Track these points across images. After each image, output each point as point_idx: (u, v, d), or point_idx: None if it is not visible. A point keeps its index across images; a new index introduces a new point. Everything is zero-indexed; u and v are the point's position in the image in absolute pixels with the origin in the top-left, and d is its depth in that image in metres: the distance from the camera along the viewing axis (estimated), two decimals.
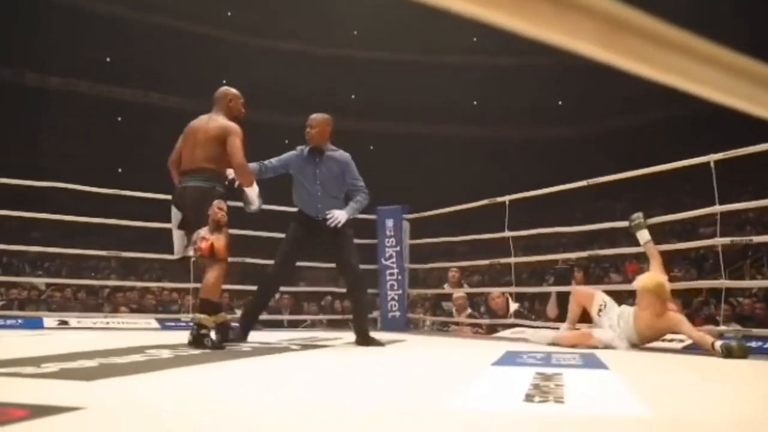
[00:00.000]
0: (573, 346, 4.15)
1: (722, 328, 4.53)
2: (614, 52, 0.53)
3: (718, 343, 3.69)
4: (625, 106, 22.78)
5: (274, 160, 4.68)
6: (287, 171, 4.68)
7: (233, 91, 4.24)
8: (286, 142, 25.75)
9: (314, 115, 4.69)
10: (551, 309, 6.18)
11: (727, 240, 4.76)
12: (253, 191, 4.10)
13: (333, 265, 7.94)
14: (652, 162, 5.09)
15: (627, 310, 4.26)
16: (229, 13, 23.65)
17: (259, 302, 4.66)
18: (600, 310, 4.37)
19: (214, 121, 4.01)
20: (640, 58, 0.54)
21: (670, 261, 14.05)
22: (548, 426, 1.48)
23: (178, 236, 4.02)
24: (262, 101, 23.70)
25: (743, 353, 3.55)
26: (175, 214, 3.99)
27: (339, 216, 4.44)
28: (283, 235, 4.77)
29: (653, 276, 4.23)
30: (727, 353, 3.55)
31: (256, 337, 4.53)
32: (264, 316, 8.71)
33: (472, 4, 0.46)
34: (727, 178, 4.59)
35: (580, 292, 4.74)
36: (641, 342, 4.17)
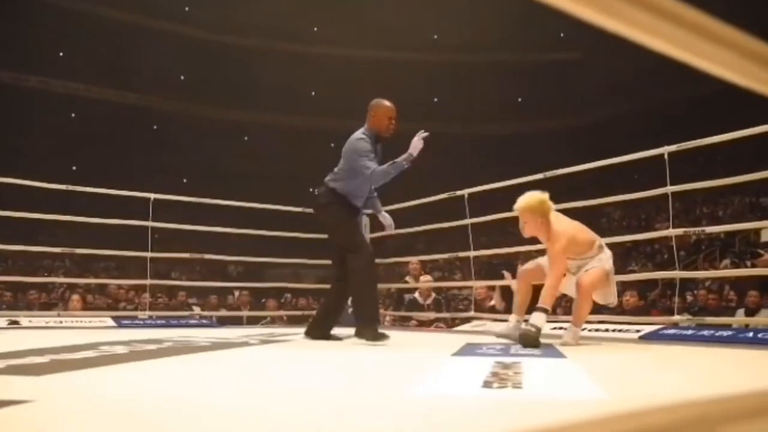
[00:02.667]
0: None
1: (676, 317, 4.62)
2: (608, 16, 0.52)
3: (538, 322, 3.53)
4: (585, 103, 23.15)
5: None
6: None
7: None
8: (246, 138, 25.53)
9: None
10: (497, 301, 6.34)
11: (680, 231, 4.86)
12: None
13: (297, 260, 7.98)
14: (612, 156, 5.15)
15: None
16: (187, 8, 23.30)
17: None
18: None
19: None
20: (632, 24, 0.53)
21: (627, 256, 14.39)
22: (505, 408, 1.48)
23: None
24: (220, 97, 23.50)
25: (534, 343, 3.45)
26: None
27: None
28: None
29: (533, 193, 3.83)
30: (524, 339, 3.47)
31: (214, 333, 4.46)
32: (222, 313, 8.69)
33: None
34: (686, 172, 4.68)
35: (525, 271, 4.00)
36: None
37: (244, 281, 10.41)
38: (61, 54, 21.94)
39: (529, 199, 3.80)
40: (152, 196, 6.18)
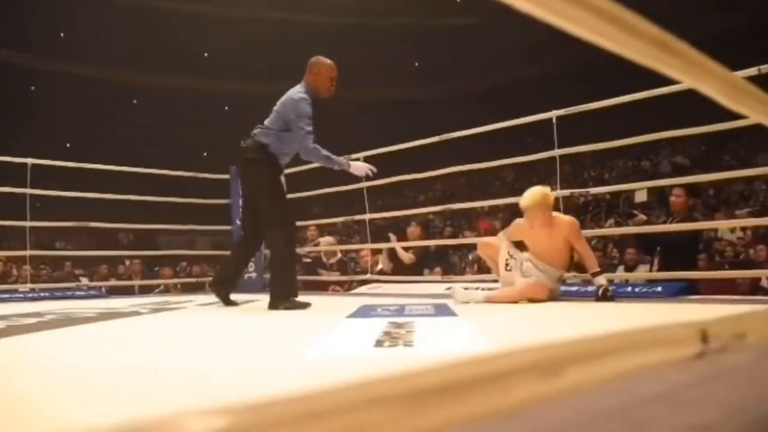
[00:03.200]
0: (514, 302, 3.85)
1: (564, 274, 4.82)
2: None
3: (602, 281, 3.95)
4: (482, 67, 23.57)
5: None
6: None
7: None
8: (134, 102, 24.38)
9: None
10: (384, 263, 6.62)
11: (567, 192, 5.07)
12: None
13: (190, 227, 7.76)
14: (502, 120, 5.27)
15: (526, 254, 4.04)
16: None
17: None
18: (507, 265, 4.05)
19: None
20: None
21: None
22: (392, 364, 1.50)
23: None
24: (105, 58, 22.27)
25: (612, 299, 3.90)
26: None
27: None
28: None
29: (535, 189, 4.08)
30: (602, 296, 3.89)
31: (102, 304, 4.28)
32: (112, 283, 8.37)
33: None
34: (576, 136, 4.85)
35: (486, 244, 4.35)
36: (561, 267, 4.07)
37: (136, 250, 10.04)
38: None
39: (535, 195, 4.04)
40: (30, 161, 5.81)
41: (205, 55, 24.05)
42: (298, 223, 7.93)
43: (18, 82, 21.38)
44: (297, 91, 4.01)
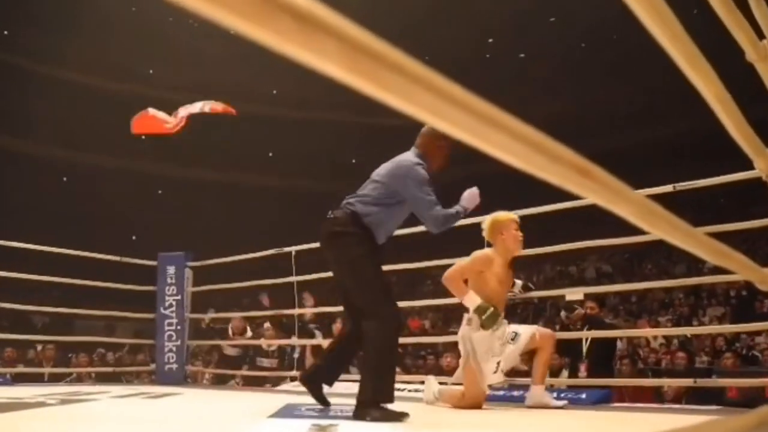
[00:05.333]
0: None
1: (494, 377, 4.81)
2: (358, 76, 0.53)
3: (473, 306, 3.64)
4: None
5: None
6: None
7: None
8: (65, 179, 23.82)
9: None
10: (309, 359, 6.55)
11: None
12: None
13: (109, 312, 7.46)
14: None
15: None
16: (5, 32, 21.64)
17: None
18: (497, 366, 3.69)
19: None
20: (382, 85, 0.55)
21: (448, 319, 15.00)
22: None
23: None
24: (38, 133, 21.86)
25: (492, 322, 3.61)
26: None
27: None
28: None
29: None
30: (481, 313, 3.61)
31: (3, 392, 4.01)
32: (19, 369, 7.86)
33: (216, 7, 0.44)
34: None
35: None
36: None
37: (50, 334, 9.54)
38: None
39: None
40: None
41: (143, 138, 23.90)
42: (223, 314, 7.77)
43: None
44: (408, 158, 3.46)
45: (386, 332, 3.12)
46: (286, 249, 6.01)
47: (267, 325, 7.18)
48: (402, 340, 4.97)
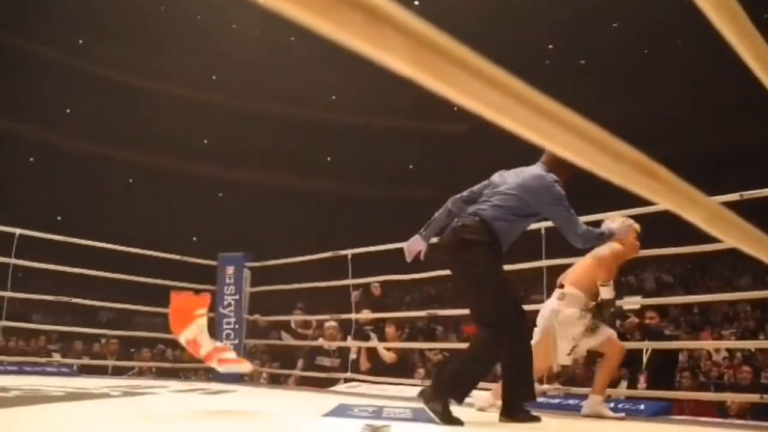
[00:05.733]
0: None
1: (545, 386, 4.76)
2: (423, 71, 0.54)
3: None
4: (473, 172, 24.01)
5: None
6: None
7: None
8: (130, 180, 24.59)
9: None
10: (363, 363, 6.44)
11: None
12: None
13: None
14: None
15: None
16: (81, 41, 22.46)
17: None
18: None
19: None
20: (446, 80, 0.55)
21: None
22: None
23: None
24: (105, 136, 22.60)
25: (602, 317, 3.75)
26: None
27: None
28: None
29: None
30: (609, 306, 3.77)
31: (71, 382, 4.16)
32: (85, 361, 8.15)
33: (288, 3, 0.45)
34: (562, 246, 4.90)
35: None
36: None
37: (115, 329, 9.86)
38: None
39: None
40: (18, 231, 5.79)
41: (205, 141, 24.47)
42: (280, 318, 7.85)
43: (18, 152, 21.60)
44: (543, 174, 3.41)
45: (503, 341, 3.16)
46: (343, 252, 6.06)
47: (330, 323, 7.09)
48: (458, 345, 4.93)
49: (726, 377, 7.62)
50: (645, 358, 5.59)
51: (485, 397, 3.83)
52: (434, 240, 3.61)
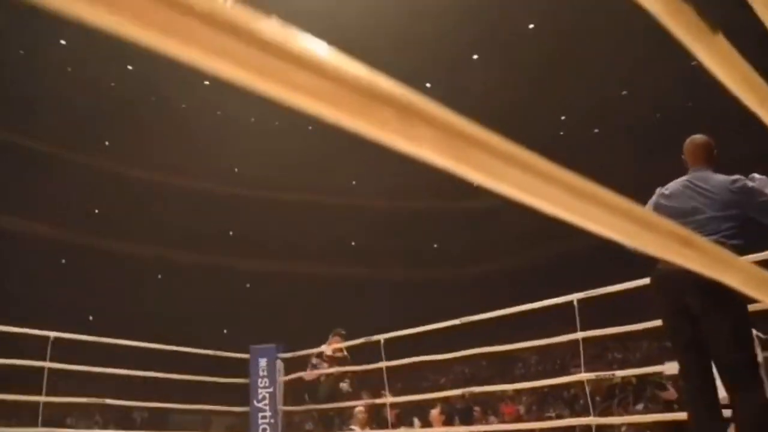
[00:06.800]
0: None
1: None
2: (453, 159, 0.56)
3: None
4: (498, 249, 23.97)
5: None
6: None
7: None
8: (159, 276, 24.81)
9: None
10: None
11: (591, 375, 4.93)
12: None
13: (203, 406, 7.56)
14: (523, 302, 5.26)
15: None
16: (107, 143, 23.22)
17: None
18: None
19: None
20: (477, 168, 0.57)
21: (544, 402, 14.42)
22: None
23: None
24: (134, 234, 23.05)
25: None
26: None
27: None
28: None
29: None
30: None
31: None
32: None
33: (314, 102, 0.47)
34: (598, 317, 4.81)
35: None
36: None
37: (149, 428, 9.77)
38: None
39: None
40: (52, 334, 5.82)
41: (230, 233, 24.80)
42: (314, 406, 7.69)
43: (50, 255, 22.06)
44: (726, 177, 2.97)
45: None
46: (375, 337, 6.00)
47: (359, 408, 6.90)
48: (497, 427, 4.78)
49: None
50: None
51: None
52: None
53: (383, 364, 5.84)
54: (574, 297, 4.85)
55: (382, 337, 5.93)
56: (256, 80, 0.46)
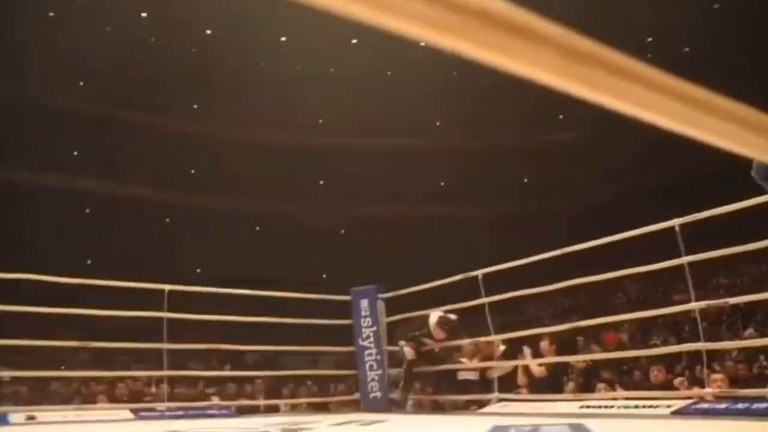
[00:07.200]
0: None
1: (707, 390, 4.51)
2: (572, 80, 0.56)
3: None
4: (590, 183, 23.34)
5: None
6: None
7: None
8: (257, 228, 25.72)
9: None
10: (521, 379, 6.34)
11: (703, 304, 4.77)
12: None
13: (312, 348, 7.91)
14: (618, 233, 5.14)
15: None
16: (195, 106, 23.95)
17: None
18: None
19: None
20: (595, 86, 0.57)
21: (648, 330, 14.13)
22: None
23: None
24: (230, 190, 23.87)
25: None
26: None
27: None
28: None
29: None
30: None
31: (234, 423, 4.38)
32: (241, 402, 8.54)
33: (443, 34, 0.50)
34: (698, 245, 4.65)
35: None
36: None
37: (260, 369, 10.36)
38: (75, 153, 22.48)
39: None
40: (167, 287, 6.21)
41: (321, 182, 25.23)
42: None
43: (155, 215, 23.22)
44: None
45: None
46: (473, 273, 6.05)
47: (466, 340, 6.83)
48: (602, 355, 4.76)
49: None
50: None
51: None
52: None
53: (484, 300, 5.89)
54: (676, 222, 4.70)
55: (480, 272, 5.96)
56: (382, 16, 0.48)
